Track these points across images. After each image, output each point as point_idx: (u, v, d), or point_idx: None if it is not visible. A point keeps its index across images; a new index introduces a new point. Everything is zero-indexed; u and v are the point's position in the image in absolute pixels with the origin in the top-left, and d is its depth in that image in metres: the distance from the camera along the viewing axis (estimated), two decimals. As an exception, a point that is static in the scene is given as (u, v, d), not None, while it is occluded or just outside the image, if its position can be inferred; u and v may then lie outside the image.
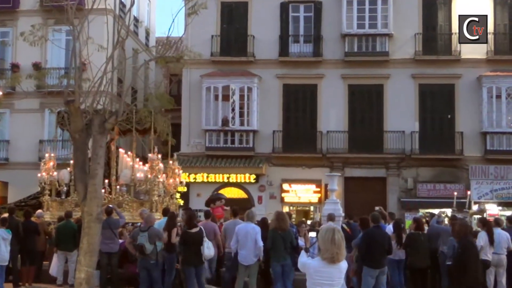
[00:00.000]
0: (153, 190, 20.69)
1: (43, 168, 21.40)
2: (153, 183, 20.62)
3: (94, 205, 10.54)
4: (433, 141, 32.87)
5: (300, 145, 33.41)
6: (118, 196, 20.84)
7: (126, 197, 20.83)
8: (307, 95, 34.24)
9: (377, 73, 33.61)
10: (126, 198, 20.80)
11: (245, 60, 34.27)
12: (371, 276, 13.33)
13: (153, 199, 20.61)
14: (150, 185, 20.64)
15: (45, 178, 21.14)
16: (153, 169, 20.99)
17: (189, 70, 34.14)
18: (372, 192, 32.38)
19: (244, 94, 33.65)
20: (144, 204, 20.27)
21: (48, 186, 21.27)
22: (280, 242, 14.11)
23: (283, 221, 14.33)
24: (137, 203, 20.62)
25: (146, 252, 14.39)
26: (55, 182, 21.43)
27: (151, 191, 20.73)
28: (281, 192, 33.80)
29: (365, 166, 33.15)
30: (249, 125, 33.67)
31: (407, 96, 33.24)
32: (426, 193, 32.68)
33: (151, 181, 20.61)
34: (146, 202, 20.68)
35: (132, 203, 20.63)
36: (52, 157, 21.80)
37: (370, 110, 33.74)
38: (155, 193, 20.76)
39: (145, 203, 20.56)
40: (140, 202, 20.66)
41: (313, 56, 34.09)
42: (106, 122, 10.84)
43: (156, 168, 21.06)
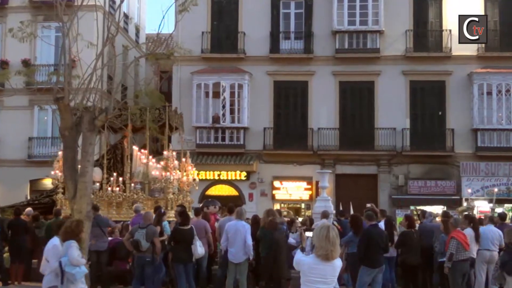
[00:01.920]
0: (168, 188, 20.57)
1: (56, 165, 21.14)
2: (168, 181, 20.51)
3: (83, 202, 10.51)
4: (424, 138, 32.92)
5: (291, 142, 33.40)
6: (132, 194, 20.70)
7: (140, 195, 20.69)
8: (298, 92, 34.22)
9: (368, 69, 33.62)
10: (141, 196, 20.66)
11: (235, 56, 34.22)
12: (369, 276, 13.29)
13: (168, 197, 20.51)
14: (165, 183, 20.52)
15: (58, 175, 20.87)
16: (168, 167, 20.93)
17: (180, 67, 34.06)
18: (363, 189, 32.40)
19: (234, 91, 33.60)
20: (158, 202, 20.11)
21: (62, 184, 20.97)
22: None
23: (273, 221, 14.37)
24: (151, 201, 20.48)
25: (141, 248, 14.41)
26: None
27: (166, 188, 20.63)
28: (272, 189, 33.79)
29: (356, 163, 33.17)
30: (240, 122, 33.62)
31: (398, 93, 33.27)
32: (417, 190, 32.72)
33: (166, 178, 20.50)
34: (161, 199, 20.54)
35: (147, 201, 20.48)
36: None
37: (361, 107, 33.74)
38: (170, 191, 20.65)
39: (160, 200, 20.42)
40: (155, 200, 20.53)
41: (303, 52, 34.07)
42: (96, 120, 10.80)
43: (171, 166, 21.00)
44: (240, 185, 33.90)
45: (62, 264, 9.60)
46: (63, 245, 9.73)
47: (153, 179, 20.86)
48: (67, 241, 9.67)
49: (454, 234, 14.08)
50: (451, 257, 13.90)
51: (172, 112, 22.19)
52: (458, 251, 13.92)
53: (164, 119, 21.42)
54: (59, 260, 9.66)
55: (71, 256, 9.65)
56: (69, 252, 9.63)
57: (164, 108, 21.35)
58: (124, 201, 20.44)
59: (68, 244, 9.66)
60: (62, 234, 9.83)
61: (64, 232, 9.82)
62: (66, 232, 9.80)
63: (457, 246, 13.90)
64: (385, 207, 27.28)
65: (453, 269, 13.95)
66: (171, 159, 21.07)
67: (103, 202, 20.48)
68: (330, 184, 27.36)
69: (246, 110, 33.58)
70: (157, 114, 20.92)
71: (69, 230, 9.76)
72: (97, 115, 10.84)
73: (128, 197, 20.65)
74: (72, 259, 9.63)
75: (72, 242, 9.71)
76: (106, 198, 20.64)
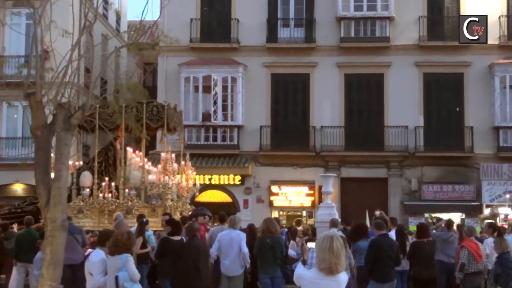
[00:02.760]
0: (166, 194, 20.61)
1: None
2: (166, 186, 20.52)
3: (58, 211, 10.48)
4: (439, 137, 32.96)
5: (290, 142, 33.42)
6: (126, 201, 20.69)
7: (135, 202, 20.68)
8: (298, 86, 34.25)
9: (377, 61, 33.66)
10: (136, 203, 20.64)
11: (228, 46, 34.22)
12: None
13: (166, 204, 20.51)
14: (163, 189, 20.52)
15: None
16: (166, 170, 20.84)
17: (165, 58, 34.07)
18: (372, 195, 32.39)
19: (227, 85, 33.61)
20: (156, 210, 20.16)
21: None
22: (269, 251, 14.09)
23: (271, 224, 14.38)
24: (148, 209, 20.47)
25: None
26: None
27: (164, 195, 20.64)
28: (270, 195, 33.81)
29: (364, 165, 33.21)
30: (233, 120, 33.64)
31: (411, 87, 33.31)
32: (432, 196, 32.77)
33: (165, 184, 20.50)
34: (158, 207, 20.58)
35: (143, 209, 20.44)
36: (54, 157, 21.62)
37: (369, 102, 33.79)
38: (168, 197, 20.70)
39: (158, 208, 20.46)
40: (152, 208, 20.53)
41: (305, 42, 34.08)
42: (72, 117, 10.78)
43: (170, 169, 20.95)
44: (233, 191, 33.91)
45: (120, 280, 9.85)
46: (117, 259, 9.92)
47: (149, 184, 20.82)
48: (123, 255, 9.93)
49: (466, 243, 14.14)
50: (463, 267, 13.95)
51: (171, 110, 22.28)
52: (468, 262, 13.97)
53: (163, 118, 21.47)
54: (115, 275, 9.90)
55: (131, 272, 9.95)
56: (129, 267, 9.93)
57: (162, 106, 21.47)
58: (118, 208, 20.38)
59: (125, 258, 9.93)
60: (112, 247, 10.04)
61: (114, 245, 10.01)
62: (116, 245, 10.00)
63: (468, 256, 13.94)
64: (396, 215, 27.34)
65: (463, 283, 14.01)
66: (169, 162, 21.05)
67: (94, 209, 20.50)
68: (335, 189, 27.38)
69: (240, 106, 33.59)
70: (155, 112, 21.03)
71: (121, 244, 10.00)
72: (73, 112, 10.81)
73: (122, 204, 20.62)
74: (133, 275, 9.95)
75: (128, 256, 9.99)
76: (97, 205, 20.63)
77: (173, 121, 22.24)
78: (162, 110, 21.51)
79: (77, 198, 21.02)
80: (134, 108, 20.80)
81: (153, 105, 21.63)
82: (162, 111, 21.51)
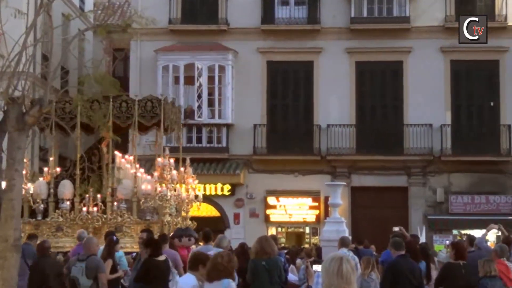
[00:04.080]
0: (164, 208, 20.57)
1: None
2: (164, 198, 20.49)
3: (10, 227, 10.49)
4: (470, 137, 33.05)
5: (290, 145, 33.45)
6: (115, 216, 20.62)
7: (126, 217, 20.62)
8: (300, 76, 34.28)
9: (395, 46, 33.73)
10: (127, 218, 20.58)
11: (215, 29, 34.24)
12: None
13: (164, 220, 20.43)
14: (160, 201, 20.49)
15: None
16: (163, 179, 20.86)
17: (139, 42, 34.04)
18: (389, 208, 32.46)
19: (214, 75, 33.61)
20: (151, 226, 20.00)
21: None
22: (264, 275, 14.08)
23: (267, 243, 14.36)
24: (141, 225, 20.35)
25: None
26: (29, 198, 21.04)
27: (161, 208, 20.61)
28: (266, 208, 33.82)
29: (379, 172, 33.25)
30: (222, 118, 33.65)
31: (435, 77, 33.36)
32: (461, 208, 32.82)
33: (162, 195, 20.47)
34: (154, 223, 20.51)
35: (135, 226, 20.41)
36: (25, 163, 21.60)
37: (385, 96, 33.86)
38: (166, 212, 20.64)
39: (153, 225, 20.37)
40: (146, 224, 20.39)
41: (307, 23, 34.13)
42: (27, 115, 10.79)
43: (168, 178, 20.97)
44: (222, 203, 33.89)
45: None
46: (218, 285, 10.00)
47: (143, 195, 20.73)
48: (225, 281, 9.97)
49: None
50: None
51: (169, 105, 22.36)
52: None
53: (158, 115, 21.58)
54: None
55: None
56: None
57: (158, 100, 21.64)
58: (104, 225, 20.33)
59: (227, 283, 9.96)
60: (211, 272, 10.04)
61: (215, 269, 10.03)
62: (217, 269, 10.02)
63: None
64: (418, 232, 27.31)
65: None
66: (167, 169, 21.04)
67: (75, 227, 20.38)
68: (344, 200, 27.37)
69: (229, 101, 33.59)
70: (149, 107, 21.16)
71: (222, 267, 10.01)
72: (28, 108, 10.82)
73: (110, 220, 20.56)
74: None
75: (231, 282, 10.04)
76: (80, 221, 20.55)
77: (170, 119, 22.33)
78: (157, 106, 21.60)
79: (55, 213, 20.93)
80: (123, 102, 21.00)
81: (147, 100, 21.73)
82: (157, 106, 21.60)
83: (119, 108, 21.45)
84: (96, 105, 20.63)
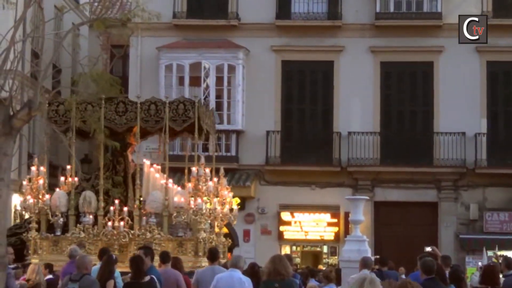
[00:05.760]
0: (199, 223, 20.57)
1: (28, 188, 21.11)
2: (199, 213, 20.45)
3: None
4: (508, 148, 33.03)
5: (307, 154, 33.47)
6: (144, 231, 20.60)
7: (156, 233, 20.55)
8: (318, 78, 34.31)
9: (424, 44, 33.74)
10: (157, 235, 20.51)
11: (224, 24, 34.30)
12: None
13: (199, 237, 20.42)
14: (195, 215, 20.45)
15: (30, 204, 20.77)
16: (199, 191, 20.88)
17: (141, 39, 34.08)
18: (416, 225, 32.45)
19: (223, 75, 33.65)
20: (184, 245, 20.16)
21: (36, 217, 20.98)
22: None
23: (280, 263, 14.30)
24: (173, 242, 20.45)
25: (73, 312, 14.35)
26: (47, 211, 21.11)
27: (196, 224, 20.61)
28: (279, 225, 33.82)
29: (406, 185, 33.22)
30: (231, 123, 33.66)
31: (470, 80, 33.34)
32: (498, 227, 32.79)
33: (197, 209, 20.44)
34: (187, 241, 20.56)
35: (167, 243, 20.43)
36: (42, 172, 21.57)
37: (413, 100, 33.86)
38: (201, 227, 20.63)
39: (186, 242, 20.45)
40: (179, 241, 20.50)
41: (327, 19, 34.17)
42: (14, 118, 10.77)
43: (204, 189, 20.94)
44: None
45: None
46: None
47: (176, 209, 20.68)
48: None
49: None
50: None
51: (203, 108, 22.39)
52: None
53: (191, 118, 21.59)
54: None
55: None
56: None
57: (192, 103, 21.69)
58: (132, 242, 20.37)
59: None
60: None
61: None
62: None
63: None
64: (449, 252, 27.23)
65: None
66: (202, 179, 21.02)
67: (99, 243, 20.37)
68: (366, 217, 27.35)
69: (240, 104, 33.60)
70: (181, 110, 21.26)
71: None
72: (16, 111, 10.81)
73: (138, 236, 20.53)
74: None
75: None
76: (104, 237, 20.54)
77: (204, 123, 22.37)
78: (190, 108, 21.63)
79: (76, 228, 20.91)
80: (152, 104, 21.08)
81: (178, 102, 21.82)
82: (190, 109, 21.62)
83: (147, 111, 21.52)
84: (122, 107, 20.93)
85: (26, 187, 21.24)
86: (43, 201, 20.99)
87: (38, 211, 21.05)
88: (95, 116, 19.67)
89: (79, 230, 20.84)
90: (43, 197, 21.05)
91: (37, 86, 11.52)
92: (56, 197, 21.38)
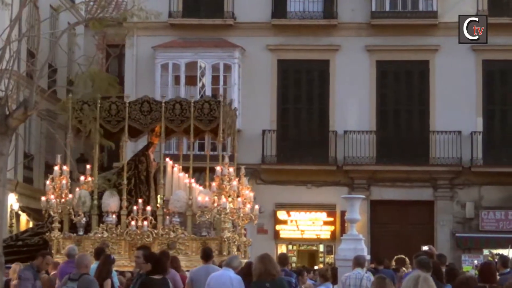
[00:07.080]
0: (224, 223, 20.62)
1: (51, 188, 21.15)
2: (223, 212, 20.49)
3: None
4: (504, 146, 33.04)
5: (303, 153, 33.46)
6: (167, 231, 20.66)
7: (180, 233, 20.64)
8: (314, 77, 34.31)
9: (420, 43, 33.75)
10: (181, 234, 20.60)
11: (220, 23, 34.27)
12: None
13: (224, 237, 20.47)
14: (219, 215, 20.49)
15: (53, 203, 20.83)
16: (222, 190, 20.89)
17: (136, 38, 34.04)
18: (412, 224, 32.47)
19: (219, 74, 33.63)
20: (208, 243, 20.05)
21: (59, 216, 21.01)
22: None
23: (270, 264, 14.27)
24: (197, 242, 20.48)
25: (71, 312, 14.34)
26: (69, 210, 21.18)
27: (220, 223, 20.67)
28: (275, 224, 33.83)
29: (402, 184, 33.23)
30: (227, 122, 33.65)
31: (465, 79, 33.33)
32: (493, 225, 32.80)
33: (222, 208, 20.46)
34: (212, 240, 20.59)
35: (191, 242, 20.51)
36: (66, 171, 21.54)
37: (409, 99, 33.85)
38: (226, 227, 20.68)
39: (210, 241, 20.43)
40: (203, 241, 20.47)
41: (323, 18, 34.16)
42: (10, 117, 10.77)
43: (227, 189, 20.99)
44: (226, 217, 33.90)
45: None
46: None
47: (199, 208, 20.70)
48: None
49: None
50: None
51: (227, 108, 22.41)
52: None
53: (217, 118, 21.65)
54: None
55: None
56: None
57: (217, 102, 21.77)
58: (156, 241, 20.42)
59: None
60: None
61: None
62: None
63: None
64: (445, 251, 27.25)
65: None
66: (226, 178, 21.02)
67: (123, 243, 20.49)
68: (363, 215, 27.31)
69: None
70: (206, 110, 21.29)
71: None
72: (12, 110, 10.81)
73: (162, 235, 20.59)
74: None
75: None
76: (128, 237, 20.63)
77: (226, 122, 22.40)
78: (216, 108, 21.65)
79: (99, 228, 20.96)
80: (176, 104, 21.22)
81: (204, 101, 21.90)
82: (216, 109, 21.64)
83: (172, 110, 21.55)
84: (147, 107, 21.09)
85: (49, 187, 21.25)
86: (66, 200, 21.04)
87: (60, 211, 21.11)
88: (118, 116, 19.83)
89: (102, 229, 20.91)
90: (66, 196, 21.10)
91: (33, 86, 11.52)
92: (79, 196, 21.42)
